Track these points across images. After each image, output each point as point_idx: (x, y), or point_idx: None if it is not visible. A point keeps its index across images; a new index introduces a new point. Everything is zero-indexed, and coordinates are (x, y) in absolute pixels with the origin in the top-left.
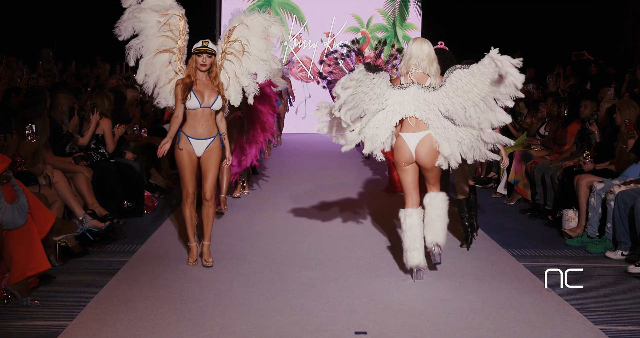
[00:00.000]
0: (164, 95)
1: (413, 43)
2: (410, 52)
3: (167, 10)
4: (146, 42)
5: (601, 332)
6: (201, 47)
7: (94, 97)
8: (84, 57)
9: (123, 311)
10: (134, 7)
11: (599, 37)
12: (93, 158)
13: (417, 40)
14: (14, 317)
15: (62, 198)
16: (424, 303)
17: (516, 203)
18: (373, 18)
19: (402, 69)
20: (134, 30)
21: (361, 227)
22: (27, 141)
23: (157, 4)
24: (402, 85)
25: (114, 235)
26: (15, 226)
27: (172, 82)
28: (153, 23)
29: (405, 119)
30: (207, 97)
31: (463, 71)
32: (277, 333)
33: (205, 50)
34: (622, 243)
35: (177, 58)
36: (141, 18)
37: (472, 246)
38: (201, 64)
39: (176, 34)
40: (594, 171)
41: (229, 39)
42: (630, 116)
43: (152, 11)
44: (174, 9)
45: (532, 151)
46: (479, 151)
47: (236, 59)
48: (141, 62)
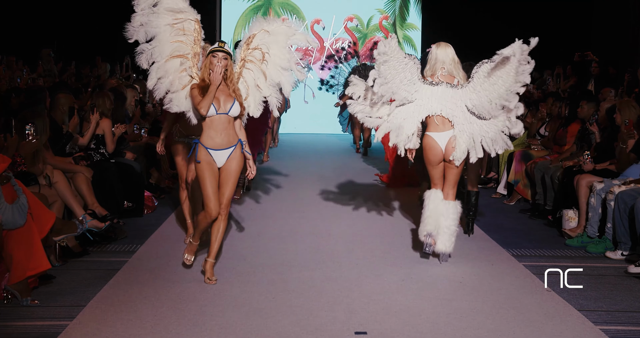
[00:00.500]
0: (178, 101)
1: (437, 48)
2: (436, 57)
3: (181, 14)
4: (159, 47)
5: (601, 332)
6: (217, 47)
7: (94, 97)
8: (84, 57)
9: (123, 311)
10: (147, 10)
11: (599, 37)
12: (93, 158)
13: (441, 44)
14: (14, 317)
15: (62, 198)
16: (424, 303)
17: (516, 203)
18: (373, 18)
19: (428, 72)
20: (146, 35)
21: (361, 227)
22: (27, 141)
23: (171, 8)
24: (432, 82)
25: (114, 235)
26: (15, 226)
27: (187, 87)
28: (167, 28)
29: (431, 117)
30: (223, 103)
31: (489, 64)
32: (277, 333)
33: (221, 49)
34: (622, 243)
35: (192, 64)
36: (155, 23)
37: (472, 246)
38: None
39: (191, 39)
40: (594, 171)
41: (248, 47)
42: (630, 116)
43: (166, 15)
44: (188, 14)
45: (532, 151)
46: (502, 142)
47: (256, 68)
48: (153, 68)
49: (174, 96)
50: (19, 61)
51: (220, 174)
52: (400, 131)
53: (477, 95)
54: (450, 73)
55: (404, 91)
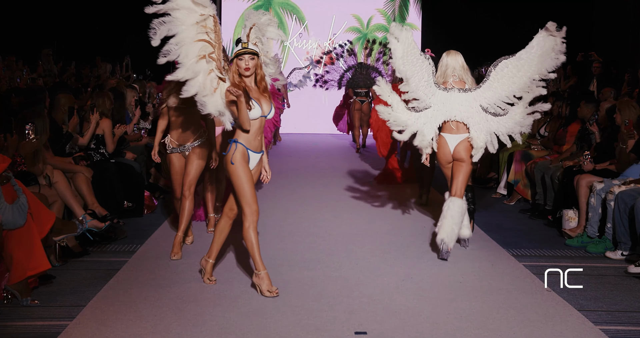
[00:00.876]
0: (212, 105)
1: (448, 55)
2: (447, 63)
3: (203, 9)
4: (185, 47)
5: (601, 332)
6: (241, 49)
7: (94, 97)
8: (84, 57)
9: (123, 311)
10: (167, 6)
11: (599, 37)
12: (93, 158)
13: (451, 52)
14: (14, 317)
15: (62, 198)
16: (424, 303)
17: (516, 203)
18: (373, 18)
19: (440, 79)
20: (168, 32)
21: (361, 227)
22: (27, 141)
23: (192, 2)
24: (444, 88)
25: (114, 235)
26: (15, 226)
27: (219, 91)
28: (189, 25)
29: (447, 122)
30: (264, 106)
31: (508, 59)
32: (277, 333)
33: (246, 51)
34: (622, 243)
35: (216, 65)
36: (177, 18)
37: (472, 246)
38: (244, 68)
39: (212, 37)
40: (594, 171)
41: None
42: (630, 116)
43: (188, 11)
44: (208, 9)
45: (532, 151)
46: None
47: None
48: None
49: (207, 99)
50: (19, 60)
51: None
52: (422, 137)
53: (494, 92)
54: (461, 79)
55: (423, 92)
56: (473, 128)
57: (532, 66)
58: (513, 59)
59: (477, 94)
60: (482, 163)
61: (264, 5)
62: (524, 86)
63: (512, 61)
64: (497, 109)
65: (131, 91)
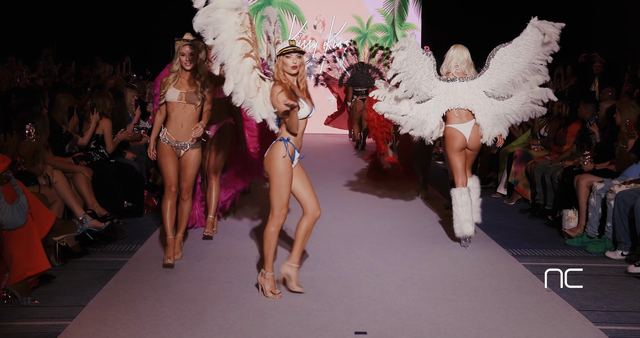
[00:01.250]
0: (259, 108)
1: (454, 49)
2: (452, 55)
3: (241, 7)
4: (228, 46)
5: (601, 332)
6: (290, 47)
7: (94, 97)
8: (84, 57)
9: (123, 311)
10: (207, 7)
11: (599, 37)
12: (93, 158)
13: (458, 46)
14: (14, 317)
15: (62, 198)
16: (424, 303)
17: (516, 203)
18: (373, 18)
19: (444, 70)
20: (214, 33)
21: (361, 227)
22: (27, 141)
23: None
24: (447, 78)
25: (114, 235)
26: (15, 226)
27: (262, 91)
28: (230, 24)
29: (451, 111)
30: (308, 105)
31: (505, 47)
32: (277, 333)
33: (295, 49)
34: (622, 243)
35: (257, 63)
36: (218, 19)
37: (472, 246)
38: (292, 66)
39: (250, 35)
40: (594, 171)
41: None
42: (630, 116)
43: (227, 10)
44: (245, 7)
45: (532, 151)
46: (529, 110)
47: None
48: (228, 71)
49: (253, 101)
50: (19, 60)
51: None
52: (424, 126)
53: (495, 78)
54: (463, 72)
55: (424, 86)
56: (479, 113)
57: (530, 51)
58: (510, 46)
59: (479, 82)
60: (482, 163)
61: (263, 5)
62: (523, 70)
63: (509, 49)
64: (500, 94)
65: (131, 91)
